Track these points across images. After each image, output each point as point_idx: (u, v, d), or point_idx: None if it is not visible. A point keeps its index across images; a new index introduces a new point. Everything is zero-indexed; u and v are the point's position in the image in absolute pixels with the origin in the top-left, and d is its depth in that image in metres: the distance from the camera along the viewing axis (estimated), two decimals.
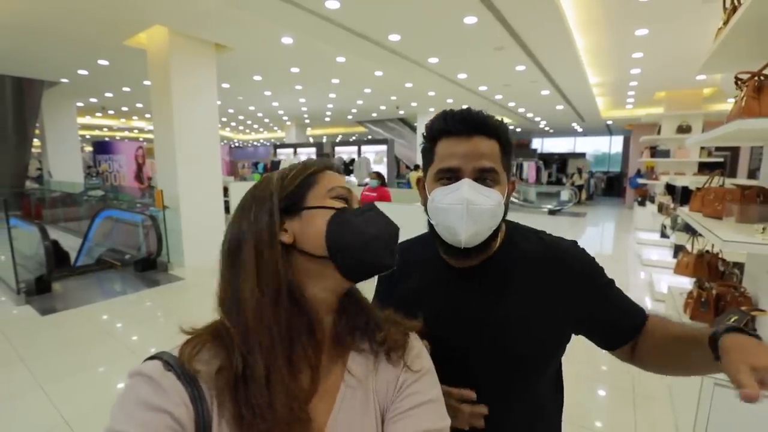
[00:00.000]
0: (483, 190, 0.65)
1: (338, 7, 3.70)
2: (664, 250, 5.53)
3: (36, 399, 2.31)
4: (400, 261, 0.82)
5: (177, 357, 0.47)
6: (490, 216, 0.65)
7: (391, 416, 0.51)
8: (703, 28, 4.15)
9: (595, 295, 0.70)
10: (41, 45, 5.09)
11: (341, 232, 0.51)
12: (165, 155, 5.00)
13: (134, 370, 0.45)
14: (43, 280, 4.10)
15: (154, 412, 0.41)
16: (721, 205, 2.06)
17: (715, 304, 2.16)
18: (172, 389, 0.43)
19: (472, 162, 0.65)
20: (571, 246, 0.73)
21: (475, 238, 0.66)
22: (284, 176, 0.55)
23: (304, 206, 0.53)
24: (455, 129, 0.66)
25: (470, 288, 0.72)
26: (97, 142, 12.44)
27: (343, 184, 0.56)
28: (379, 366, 0.54)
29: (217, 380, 0.45)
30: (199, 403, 0.44)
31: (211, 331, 0.50)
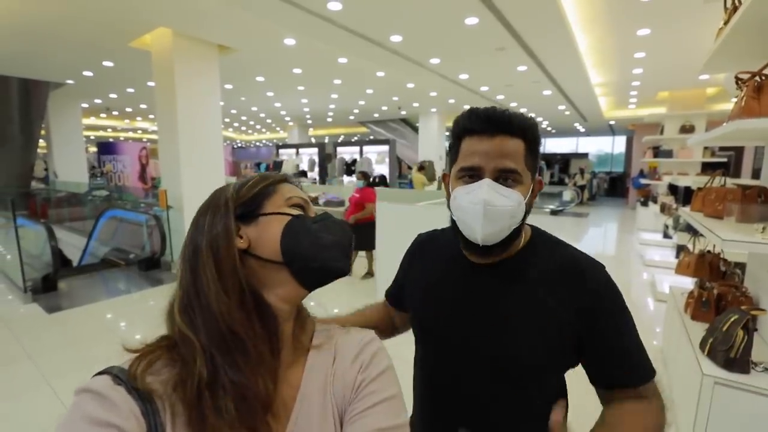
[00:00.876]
0: (503, 190, 0.65)
1: (340, 8, 3.72)
2: (667, 250, 5.52)
3: (42, 394, 2.34)
4: (422, 249, 0.87)
5: (127, 371, 0.45)
6: (508, 217, 0.65)
7: (348, 417, 0.50)
8: (705, 27, 4.14)
9: (604, 320, 0.66)
10: (47, 47, 5.14)
11: (297, 238, 0.52)
12: (169, 155, 5.04)
13: (81, 387, 0.43)
14: (50, 278, 4.15)
15: (101, 428, 0.39)
16: (722, 204, 2.06)
17: (716, 303, 2.16)
18: (122, 403, 0.41)
19: (493, 162, 0.65)
20: (594, 266, 0.70)
21: (492, 237, 0.67)
22: (241, 185, 0.56)
23: (260, 212, 0.53)
24: (479, 127, 0.66)
25: (483, 284, 0.72)
26: (101, 143, 12.53)
27: (300, 195, 0.57)
28: (336, 370, 0.54)
29: (175, 393, 0.44)
30: (152, 417, 0.42)
31: (164, 344, 0.49)
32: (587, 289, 0.67)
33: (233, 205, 0.53)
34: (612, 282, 0.69)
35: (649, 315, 3.67)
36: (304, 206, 0.57)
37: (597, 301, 0.67)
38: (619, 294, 0.69)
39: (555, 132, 16.37)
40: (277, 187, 0.57)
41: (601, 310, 0.67)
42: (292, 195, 0.56)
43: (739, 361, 1.60)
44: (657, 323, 3.40)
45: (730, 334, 1.65)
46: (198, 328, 0.47)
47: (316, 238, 0.53)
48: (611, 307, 0.68)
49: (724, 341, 1.66)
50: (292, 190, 0.57)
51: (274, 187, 0.56)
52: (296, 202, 0.56)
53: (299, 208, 0.56)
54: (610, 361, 0.67)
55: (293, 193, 0.57)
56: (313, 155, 11.82)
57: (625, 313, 0.69)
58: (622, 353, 0.67)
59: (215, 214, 0.52)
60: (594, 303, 0.66)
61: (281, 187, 0.57)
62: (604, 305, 0.67)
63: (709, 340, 1.75)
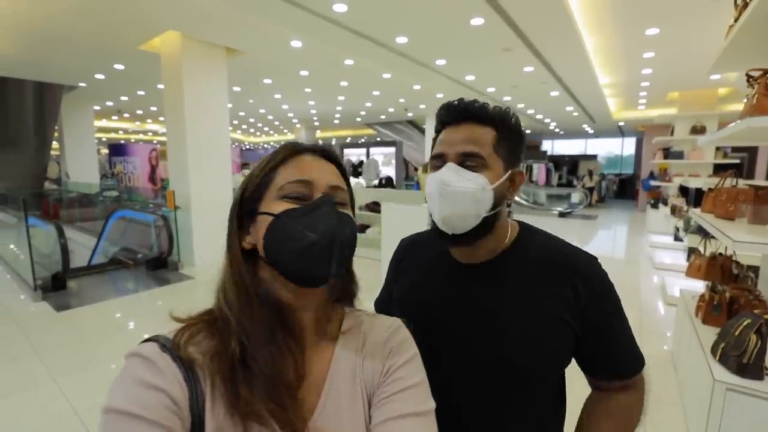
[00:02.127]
0: (463, 173, 0.64)
1: (346, 10, 3.73)
2: (678, 253, 5.42)
3: (49, 391, 2.37)
4: (406, 253, 0.85)
5: (171, 340, 0.48)
6: (470, 200, 0.63)
7: (377, 401, 0.52)
8: (715, 26, 4.07)
9: (598, 313, 0.67)
10: (61, 51, 5.24)
11: (276, 242, 0.50)
12: (177, 157, 5.09)
13: (131, 351, 0.46)
14: (59, 277, 4.21)
15: (150, 390, 0.42)
16: (734, 206, 2.02)
17: (727, 307, 2.11)
18: (167, 369, 0.44)
19: (456, 147, 0.66)
20: (590, 261, 0.69)
21: (453, 222, 0.65)
22: (252, 175, 0.55)
23: (258, 211, 0.52)
24: (448, 118, 0.68)
25: (472, 285, 0.70)
26: (112, 145, 12.74)
27: (297, 177, 0.52)
28: (365, 354, 0.55)
29: (212, 364, 0.46)
30: (193, 384, 0.45)
31: (205, 318, 0.52)
32: (582, 285, 0.66)
33: (238, 204, 0.54)
34: (606, 275, 0.69)
35: (659, 319, 3.60)
36: (301, 191, 0.51)
37: (593, 297, 0.66)
38: (613, 287, 0.69)
39: (563, 133, 16.23)
40: (276, 173, 0.53)
41: (598, 306, 0.66)
42: (287, 181, 0.52)
43: (752, 367, 1.56)
44: (667, 327, 3.33)
45: (742, 339, 1.61)
46: (227, 310, 0.50)
47: (294, 241, 0.48)
48: (607, 302, 0.68)
49: (737, 346, 1.62)
50: (291, 172, 0.52)
51: (275, 172, 0.53)
52: (289, 190, 0.51)
53: (293, 198, 0.51)
54: (607, 355, 0.69)
55: (291, 176, 0.52)
56: None
57: (619, 305, 0.69)
58: (619, 346, 0.69)
59: (232, 212, 0.55)
60: (590, 299, 0.66)
61: (279, 173, 0.53)
62: (600, 300, 0.67)
63: (720, 345, 1.71)
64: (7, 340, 3.05)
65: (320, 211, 0.50)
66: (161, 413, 0.41)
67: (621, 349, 0.69)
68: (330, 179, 0.54)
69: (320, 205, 0.51)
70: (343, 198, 0.55)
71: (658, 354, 2.85)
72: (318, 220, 0.50)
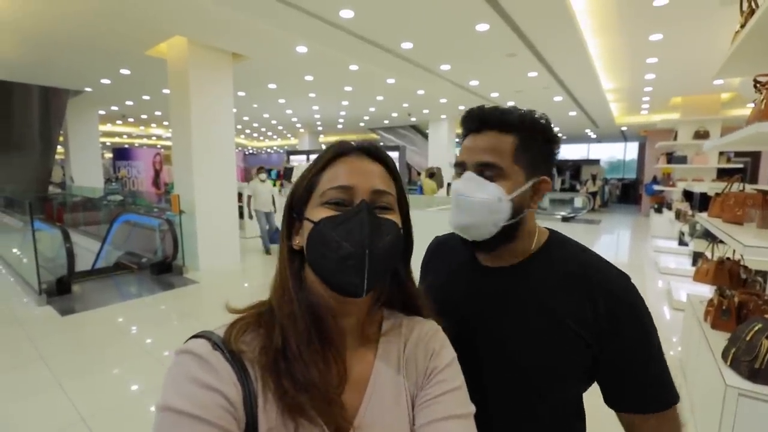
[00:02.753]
0: (480, 182, 0.64)
1: (352, 16, 3.76)
2: (683, 257, 5.40)
3: (54, 396, 2.37)
4: (436, 252, 0.87)
5: (222, 337, 0.48)
6: (485, 210, 0.63)
7: (421, 402, 0.52)
8: (719, 32, 4.08)
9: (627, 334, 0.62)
10: (67, 56, 5.29)
11: (316, 251, 0.50)
12: (182, 161, 5.12)
13: (183, 348, 0.46)
14: (64, 281, 4.22)
15: (206, 390, 0.42)
16: (742, 210, 2.01)
17: (737, 312, 2.10)
18: (222, 368, 0.44)
19: (474, 156, 0.66)
20: (617, 277, 0.65)
21: (471, 231, 0.66)
22: (301, 177, 0.56)
23: (304, 216, 0.53)
24: (471, 126, 0.68)
25: (493, 288, 0.70)
26: (116, 149, 12.81)
27: (338, 182, 0.51)
28: (407, 356, 0.56)
29: (260, 358, 0.47)
30: (246, 384, 0.44)
31: (255, 313, 0.53)
32: (603, 301, 0.62)
33: (288, 206, 0.56)
34: (640, 299, 0.64)
35: (665, 324, 3.58)
36: (342, 197, 0.50)
37: (613, 319, 0.61)
38: (647, 312, 0.64)
39: (566, 138, 16.23)
40: (321, 176, 0.53)
41: (618, 329, 0.61)
42: (329, 187, 0.51)
43: (764, 372, 1.54)
44: (674, 332, 3.32)
45: (754, 344, 1.59)
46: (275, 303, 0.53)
47: (330, 251, 0.48)
48: (637, 329, 0.62)
49: (748, 351, 1.61)
50: (334, 176, 0.52)
51: (319, 177, 0.53)
52: (330, 197, 0.51)
53: (333, 204, 0.50)
54: (632, 388, 0.63)
55: (334, 180, 0.51)
56: None
57: (652, 334, 0.63)
58: (647, 379, 0.63)
59: (284, 211, 0.57)
60: (610, 320, 0.61)
61: (324, 176, 0.53)
62: (621, 323, 0.61)
63: (731, 350, 1.70)
64: (12, 345, 3.05)
65: (356, 220, 0.49)
66: (217, 413, 0.41)
67: (651, 383, 0.63)
68: (374, 183, 0.52)
69: (357, 213, 0.49)
70: (387, 202, 0.53)
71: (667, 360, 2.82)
72: (352, 230, 0.48)
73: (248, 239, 7.10)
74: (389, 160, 0.56)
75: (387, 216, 0.52)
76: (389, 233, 0.51)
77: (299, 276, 0.53)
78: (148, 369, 2.73)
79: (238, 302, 0.56)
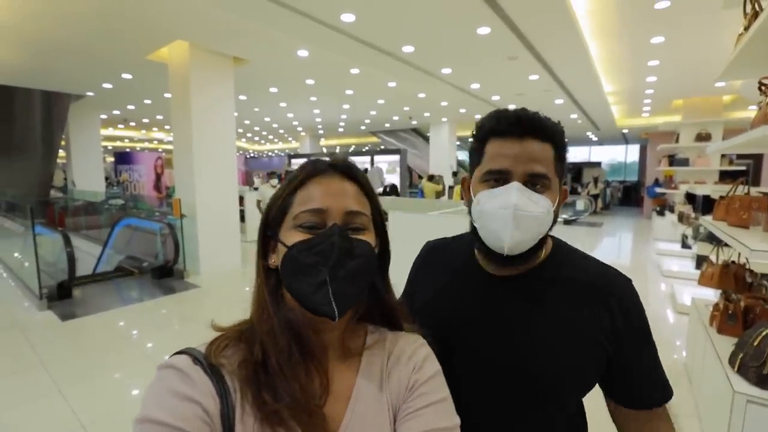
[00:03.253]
0: (532, 195, 0.61)
1: (353, 20, 3.77)
2: (686, 260, 5.37)
3: (54, 402, 2.35)
4: (430, 258, 0.84)
5: (203, 353, 0.49)
6: (537, 224, 0.61)
7: (403, 415, 0.52)
8: (721, 34, 4.07)
9: (629, 338, 0.65)
10: (69, 61, 5.31)
11: (286, 272, 0.51)
12: (183, 165, 5.12)
13: (164, 363, 0.47)
14: (65, 286, 4.21)
15: (185, 402, 0.43)
16: (747, 213, 2.00)
17: (743, 316, 2.08)
18: (201, 382, 0.45)
19: (523, 165, 0.61)
20: (624, 282, 0.67)
21: (519, 246, 0.62)
22: (275, 197, 0.55)
23: (278, 238, 0.53)
24: (507, 130, 0.62)
25: (502, 298, 0.68)
26: (118, 153, 12.84)
27: (310, 206, 0.51)
28: (390, 370, 0.56)
29: (239, 371, 0.48)
30: (224, 397, 0.46)
31: (237, 330, 0.54)
32: (617, 308, 0.64)
33: (263, 226, 0.56)
34: (639, 299, 0.67)
35: (669, 327, 3.55)
36: (314, 221, 0.51)
37: (627, 321, 0.64)
38: (644, 311, 0.67)
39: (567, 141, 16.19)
40: (294, 197, 0.53)
41: (632, 330, 0.65)
42: (301, 210, 0.51)
43: None
44: (678, 336, 3.28)
45: (761, 350, 1.57)
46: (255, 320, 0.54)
47: (302, 275, 0.49)
48: (640, 327, 0.66)
49: (756, 357, 1.59)
50: (306, 198, 0.52)
51: (293, 198, 0.53)
52: (303, 220, 0.51)
53: (306, 228, 0.51)
54: (638, 382, 0.66)
55: (305, 203, 0.51)
56: None
57: (649, 331, 0.67)
58: (650, 374, 0.67)
59: (259, 231, 0.57)
60: (624, 323, 0.64)
61: (297, 198, 0.52)
62: (634, 325, 0.65)
63: (739, 356, 1.67)
64: (12, 350, 3.04)
65: (327, 244, 0.49)
66: (196, 424, 0.42)
67: (653, 377, 0.67)
68: (347, 204, 0.52)
69: (328, 237, 0.49)
70: (361, 222, 0.53)
71: (671, 364, 2.80)
72: (324, 254, 0.49)
73: (249, 243, 7.10)
74: (363, 179, 0.56)
75: (360, 237, 0.52)
76: (361, 254, 0.51)
77: (277, 293, 0.54)
78: (149, 374, 2.70)
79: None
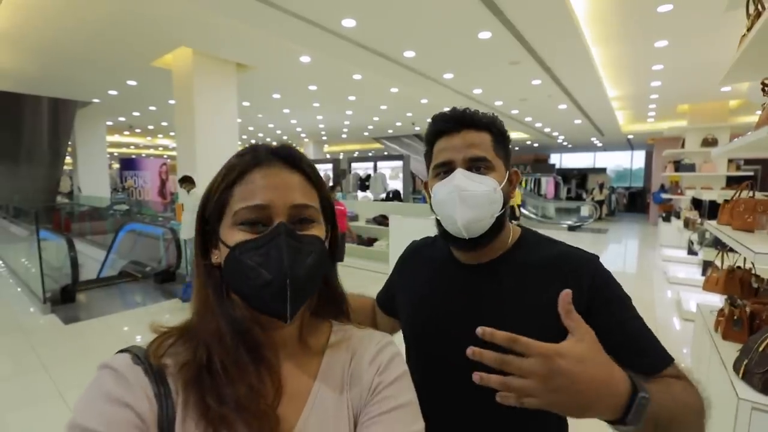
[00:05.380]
0: (475, 177, 0.67)
1: (354, 25, 3.80)
2: (692, 267, 5.29)
3: (55, 406, 2.35)
4: (414, 255, 0.87)
5: (145, 350, 0.47)
6: (486, 201, 0.66)
7: (364, 420, 0.49)
8: (725, 38, 4.06)
9: (603, 310, 0.65)
10: (76, 68, 5.40)
11: (233, 276, 0.48)
12: (187, 171, 5.15)
13: (103, 363, 0.45)
14: (68, 290, 4.23)
15: (116, 406, 0.41)
16: (752, 217, 1.97)
17: (749, 322, 2.04)
18: (137, 383, 0.43)
19: (463, 153, 0.68)
20: (590, 259, 0.70)
21: (474, 225, 0.67)
22: (209, 191, 0.52)
23: (218, 236, 0.50)
24: (445, 127, 0.71)
25: (472, 285, 0.72)
26: (123, 159, 12.99)
27: (251, 201, 0.47)
28: (353, 369, 0.53)
29: (182, 373, 0.45)
30: (164, 399, 0.43)
31: (181, 328, 0.51)
32: (585, 285, 0.66)
33: (199, 222, 0.52)
34: (607, 272, 0.69)
35: (675, 334, 3.49)
36: (254, 217, 0.47)
37: (599, 294, 0.66)
38: (617, 284, 0.68)
39: (571, 147, 16.18)
40: (232, 191, 0.49)
41: (605, 302, 0.65)
42: (241, 206, 0.48)
43: None
44: (684, 343, 3.23)
45: (766, 356, 1.53)
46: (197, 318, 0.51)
47: (248, 278, 0.46)
48: (614, 297, 0.66)
49: (761, 363, 1.55)
50: (246, 193, 0.48)
51: (230, 191, 0.49)
52: (243, 217, 0.47)
53: (247, 225, 0.47)
54: (626, 350, 0.62)
55: (245, 199, 0.48)
56: (328, 171, 11.96)
57: (627, 300, 0.67)
58: (637, 341, 0.64)
59: (195, 226, 0.54)
60: (594, 298, 0.65)
61: (236, 191, 0.48)
62: (607, 296, 0.66)
63: (743, 362, 1.63)
64: (15, 353, 3.06)
65: (273, 245, 0.46)
66: (126, 430, 0.40)
67: (641, 342, 0.64)
68: (293, 198, 0.48)
69: (274, 238, 0.46)
70: (309, 215, 0.50)
71: None
72: (270, 256, 0.46)
73: None
74: (309, 167, 0.52)
75: (309, 231, 0.49)
76: (311, 252, 0.48)
77: (220, 291, 0.50)
78: None
79: None
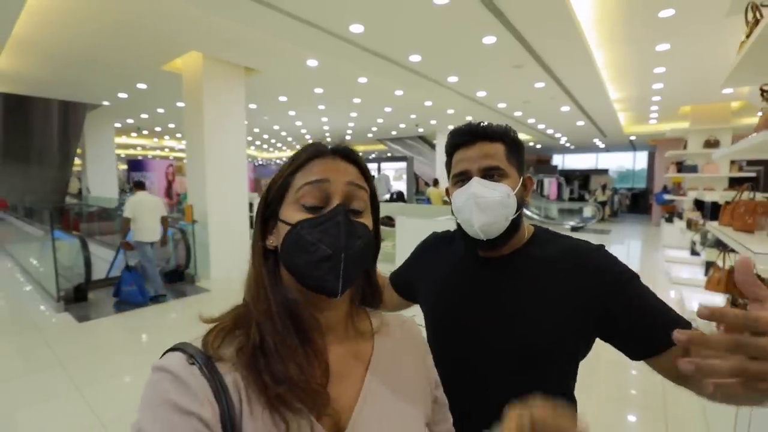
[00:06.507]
0: (489, 184, 0.74)
1: (362, 30, 3.87)
2: (695, 267, 5.32)
3: (73, 401, 2.42)
4: (436, 245, 0.94)
5: (199, 348, 0.47)
6: (500, 206, 0.73)
7: (436, 418, 0.59)
8: (727, 41, 4.11)
9: (614, 289, 0.69)
10: (87, 72, 5.50)
11: (292, 254, 0.50)
12: (195, 172, 5.24)
13: (157, 364, 0.45)
14: (81, 289, 4.31)
15: (181, 415, 0.41)
16: (752, 218, 2.01)
17: None
18: (198, 388, 0.43)
19: (478, 163, 0.75)
20: (595, 249, 0.76)
21: (489, 228, 0.73)
22: (275, 177, 0.55)
23: (278, 215, 0.52)
24: (462, 140, 0.78)
25: (490, 277, 0.79)
26: (131, 160, 13.10)
27: (316, 176, 0.51)
28: (404, 351, 0.59)
29: (239, 358, 0.46)
30: (223, 397, 0.43)
31: (233, 316, 0.52)
32: (593, 272, 0.72)
33: (262, 206, 0.55)
34: (613, 257, 0.74)
35: None
36: (315, 201, 0.51)
37: (606, 281, 0.70)
38: (625, 266, 0.72)
39: (574, 148, 16.19)
40: (295, 176, 0.53)
41: (622, 284, 0.70)
42: (304, 182, 0.51)
43: None
44: None
45: None
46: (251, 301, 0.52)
47: (306, 254, 0.49)
48: (629, 278, 0.70)
49: None
50: (309, 174, 0.52)
51: (293, 177, 0.53)
52: (306, 193, 0.51)
53: (308, 208, 0.51)
54: (645, 326, 0.66)
55: (308, 176, 0.52)
56: None
57: (638, 279, 0.71)
58: (654, 314, 0.66)
59: (257, 211, 0.56)
60: (604, 283, 0.70)
61: (298, 176, 0.52)
62: (622, 279, 0.70)
63: None
64: (31, 351, 3.13)
65: (332, 223, 0.49)
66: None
67: (660, 315, 0.67)
68: (349, 177, 0.53)
69: (333, 216, 0.50)
70: (360, 205, 0.54)
71: None
72: (329, 232, 0.49)
73: None
74: (362, 163, 0.57)
75: (360, 219, 0.53)
76: (362, 236, 0.52)
77: (274, 273, 0.53)
78: None
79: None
